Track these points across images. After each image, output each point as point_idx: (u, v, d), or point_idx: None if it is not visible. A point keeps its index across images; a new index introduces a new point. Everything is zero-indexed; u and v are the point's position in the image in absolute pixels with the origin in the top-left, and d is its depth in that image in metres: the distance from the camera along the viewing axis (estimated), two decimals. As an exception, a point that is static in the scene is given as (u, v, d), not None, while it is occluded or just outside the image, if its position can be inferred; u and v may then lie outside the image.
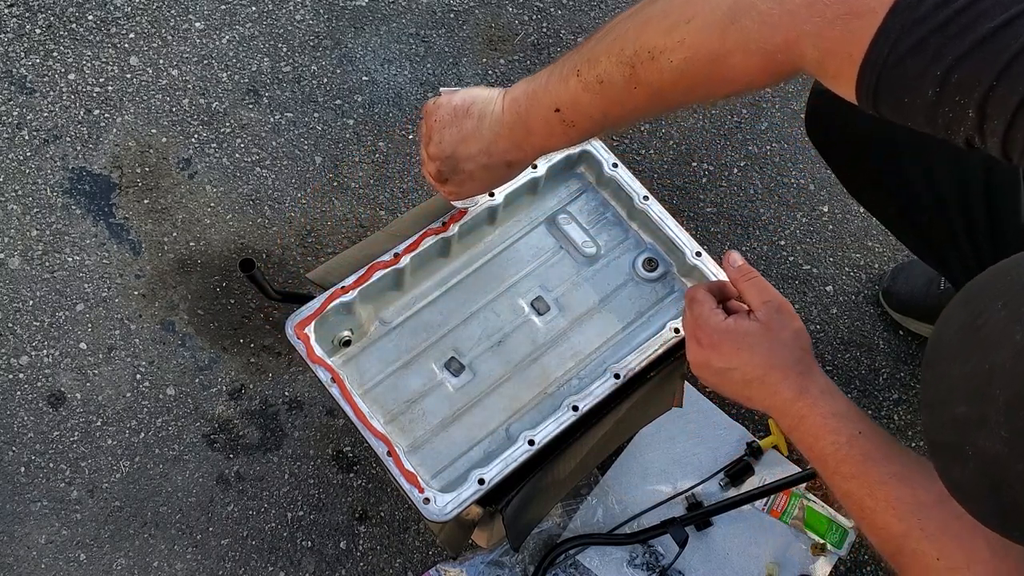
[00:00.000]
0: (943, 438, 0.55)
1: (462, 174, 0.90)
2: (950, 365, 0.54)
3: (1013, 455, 0.49)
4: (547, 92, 0.80)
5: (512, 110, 0.83)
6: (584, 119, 0.79)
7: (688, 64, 0.70)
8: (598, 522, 1.28)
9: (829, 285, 1.48)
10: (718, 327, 0.85)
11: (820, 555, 1.28)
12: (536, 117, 0.81)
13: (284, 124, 1.51)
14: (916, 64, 0.58)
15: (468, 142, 0.87)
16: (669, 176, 1.53)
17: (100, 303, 1.38)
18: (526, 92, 0.82)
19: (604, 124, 0.80)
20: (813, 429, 0.80)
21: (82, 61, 1.52)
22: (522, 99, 0.83)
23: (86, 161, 1.46)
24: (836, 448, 0.78)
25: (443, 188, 0.94)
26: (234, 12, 1.58)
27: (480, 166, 0.88)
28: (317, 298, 0.97)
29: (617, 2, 1.64)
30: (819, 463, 0.81)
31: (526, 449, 0.93)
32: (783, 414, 0.83)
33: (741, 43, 0.67)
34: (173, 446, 1.32)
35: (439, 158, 0.90)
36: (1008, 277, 0.53)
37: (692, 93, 0.73)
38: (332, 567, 1.27)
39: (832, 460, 0.78)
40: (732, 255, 0.89)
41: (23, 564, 1.25)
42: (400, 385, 1.01)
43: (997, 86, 0.55)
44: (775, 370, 0.82)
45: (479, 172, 0.89)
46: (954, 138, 0.60)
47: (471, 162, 0.88)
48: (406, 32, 1.59)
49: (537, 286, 1.06)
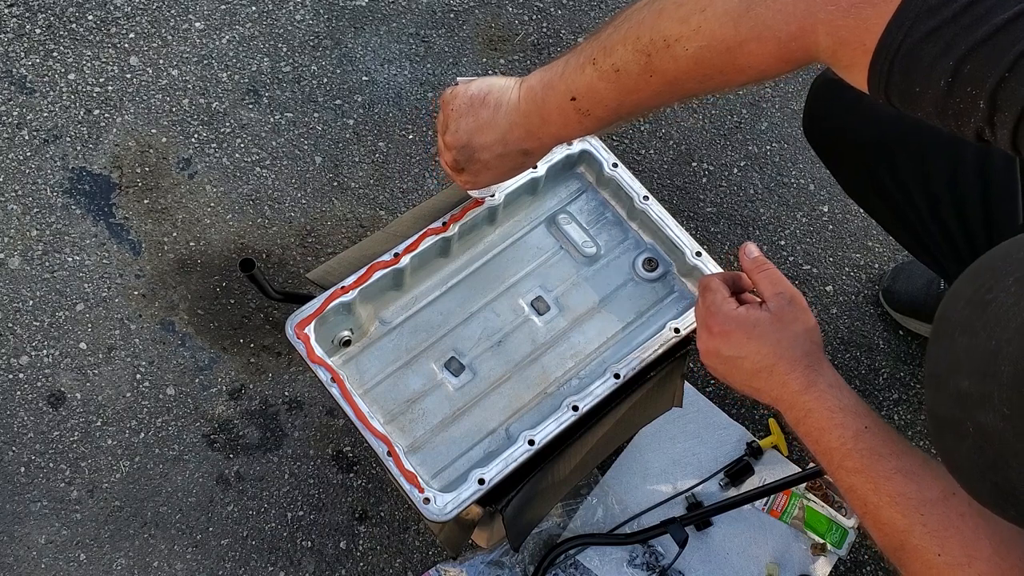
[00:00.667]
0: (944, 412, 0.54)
1: (478, 163, 0.90)
2: (956, 339, 0.54)
3: (1014, 433, 0.49)
4: (563, 81, 0.80)
5: (528, 99, 0.84)
6: (599, 107, 0.79)
7: (703, 52, 0.70)
8: (598, 522, 1.28)
9: (829, 285, 1.48)
10: (729, 315, 0.85)
11: (820, 555, 1.28)
12: (552, 106, 0.82)
13: (284, 124, 1.51)
14: (929, 54, 0.58)
15: (484, 131, 0.88)
16: (669, 176, 1.53)
17: (100, 303, 1.38)
18: (542, 81, 0.83)
19: (619, 112, 0.80)
20: (819, 422, 0.80)
21: (82, 61, 1.52)
22: (538, 88, 0.83)
23: (86, 161, 1.46)
24: (842, 442, 0.78)
25: (459, 177, 0.95)
26: (234, 12, 1.58)
27: (496, 155, 0.89)
28: (317, 298, 0.97)
29: (617, 2, 1.64)
30: (824, 457, 0.81)
31: (526, 449, 0.93)
32: (790, 406, 0.83)
33: (755, 31, 0.67)
34: (173, 446, 1.32)
35: (455, 147, 0.90)
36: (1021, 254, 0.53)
37: (707, 82, 0.73)
38: (332, 567, 1.27)
39: (838, 454, 0.78)
40: (748, 246, 0.89)
41: (23, 564, 1.25)
42: (400, 385, 1.01)
43: (1008, 77, 0.55)
44: (783, 361, 0.82)
45: (495, 161, 0.90)
46: (964, 130, 0.60)
47: (487, 151, 0.89)
48: (406, 32, 1.59)
49: (537, 286, 1.06)
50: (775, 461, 1.33)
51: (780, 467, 1.33)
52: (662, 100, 0.78)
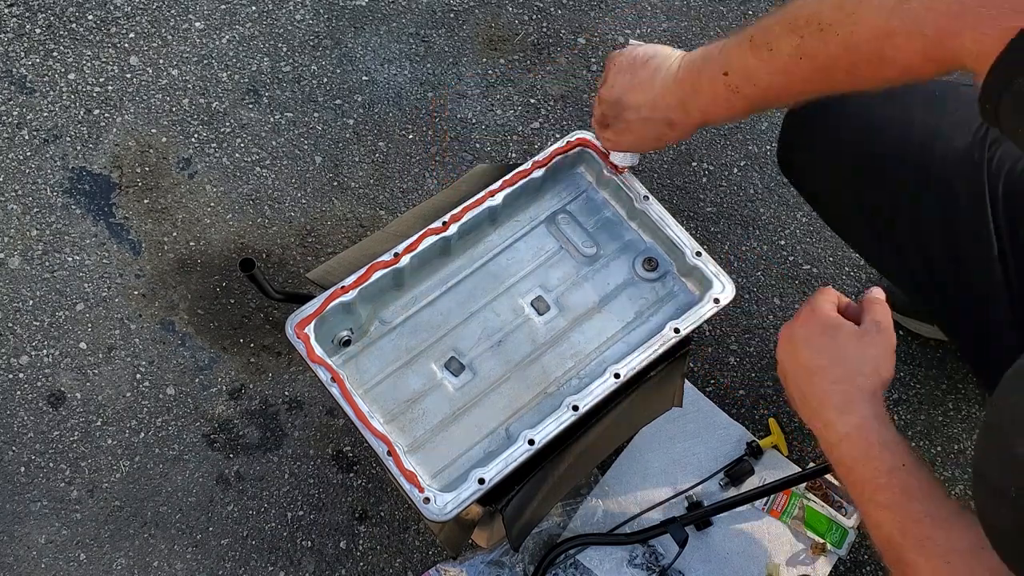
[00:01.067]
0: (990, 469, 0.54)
1: (623, 122, 0.93)
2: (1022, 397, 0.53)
3: None
4: (721, 54, 0.82)
5: (686, 67, 0.86)
6: (748, 85, 0.80)
7: (852, 38, 0.71)
8: (598, 522, 1.28)
9: (829, 285, 1.47)
10: (823, 311, 0.89)
11: (820, 555, 1.28)
12: (705, 77, 0.83)
13: (284, 124, 1.51)
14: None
15: (637, 90, 0.90)
16: (669, 176, 1.53)
17: (100, 303, 1.38)
18: (702, 54, 0.84)
19: (767, 95, 0.81)
20: (856, 451, 0.80)
21: (82, 61, 1.52)
22: (697, 59, 0.85)
23: (86, 161, 1.46)
24: (876, 475, 0.78)
25: (603, 133, 0.98)
26: (234, 12, 1.58)
27: (642, 118, 0.91)
28: (317, 298, 0.97)
29: (616, 1, 1.64)
30: (854, 487, 0.80)
31: (526, 449, 0.93)
32: (829, 427, 0.83)
33: (905, 24, 0.67)
34: (173, 446, 1.32)
35: (607, 101, 0.93)
36: None
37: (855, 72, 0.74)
38: (332, 567, 1.27)
39: (870, 487, 0.78)
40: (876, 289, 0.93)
41: (23, 564, 1.25)
42: (400, 385, 1.01)
43: None
44: (840, 368, 0.84)
45: (638, 124, 0.92)
46: None
47: (634, 111, 0.91)
48: (406, 32, 1.59)
49: (537, 286, 1.06)
50: (775, 461, 1.33)
51: (780, 467, 1.33)
52: (811, 87, 0.78)
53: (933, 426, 1.39)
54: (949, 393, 1.41)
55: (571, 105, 1.56)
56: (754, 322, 1.44)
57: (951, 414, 1.40)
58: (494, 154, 1.52)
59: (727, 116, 0.85)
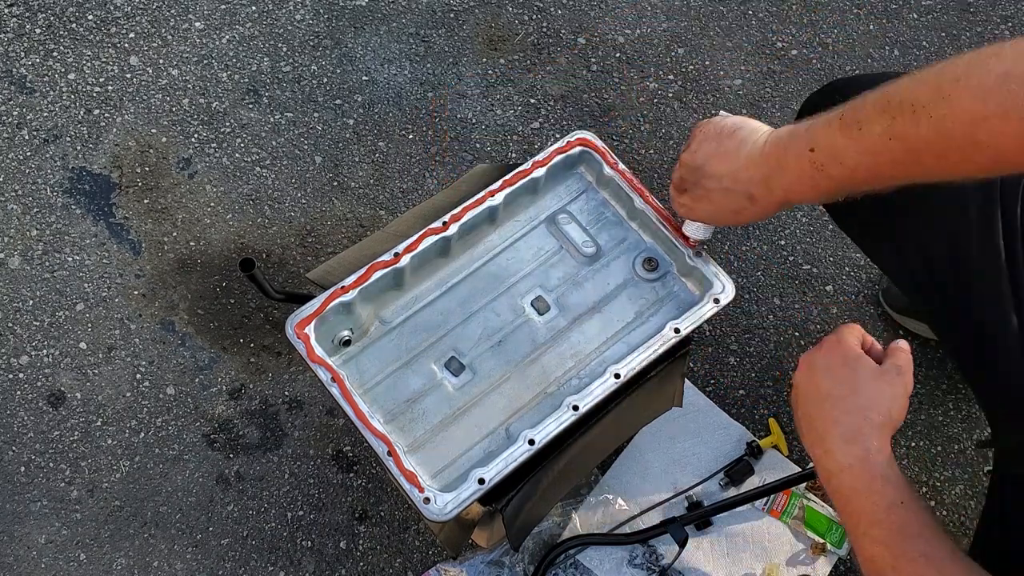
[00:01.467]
0: None
1: (702, 189, 0.91)
2: None
3: None
4: (808, 132, 0.79)
5: (772, 142, 0.84)
6: (835, 164, 0.77)
7: (945, 122, 0.68)
8: (598, 522, 1.28)
9: (829, 285, 1.48)
10: (847, 343, 0.90)
11: (820, 555, 1.28)
12: (791, 153, 0.81)
13: (284, 124, 1.51)
14: None
15: (721, 159, 0.88)
16: (669, 176, 1.53)
17: (100, 303, 1.38)
18: (789, 130, 0.82)
19: (855, 176, 0.77)
20: (855, 482, 0.80)
21: (82, 61, 1.52)
22: (784, 135, 0.83)
23: (86, 161, 1.46)
24: (875, 509, 0.78)
25: (680, 198, 0.96)
26: (234, 12, 1.58)
27: (723, 188, 0.89)
28: (317, 298, 0.97)
29: (616, 2, 1.64)
30: (850, 519, 0.80)
31: (526, 449, 0.93)
32: (829, 454, 0.83)
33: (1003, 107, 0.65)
34: (173, 446, 1.32)
35: (688, 165, 0.91)
36: None
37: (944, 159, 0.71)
38: (332, 567, 1.27)
39: (865, 521, 0.78)
40: (902, 341, 0.93)
41: (23, 564, 1.25)
42: (400, 385, 1.01)
43: None
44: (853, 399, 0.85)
45: (718, 194, 0.90)
46: None
47: (715, 180, 0.89)
48: (406, 32, 1.59)
49: (537, 286, 1.06)
50: (775, 461, 1.33)
51: (780, 467, 1.33)
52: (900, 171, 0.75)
53: (933, 426, 1.39)
54: (949, 393, 1.41)
55: (571, 105, 1.56)
56: (754, 322, 1.44)
57: (951, 414, 1.40)
58: (494, 154, 1.52)
59: (811, 196, 0.82)
